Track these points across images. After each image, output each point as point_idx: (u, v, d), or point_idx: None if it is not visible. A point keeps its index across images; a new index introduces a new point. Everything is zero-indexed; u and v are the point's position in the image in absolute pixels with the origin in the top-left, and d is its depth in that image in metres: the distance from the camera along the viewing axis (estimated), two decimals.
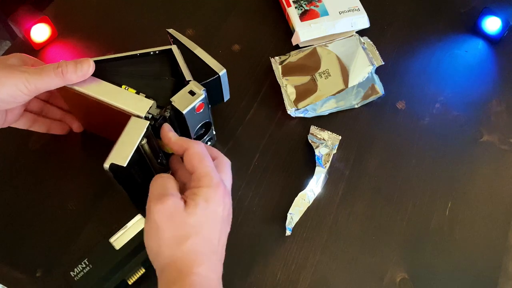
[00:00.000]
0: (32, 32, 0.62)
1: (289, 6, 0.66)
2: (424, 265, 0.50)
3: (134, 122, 0.43)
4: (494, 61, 0.66)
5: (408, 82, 0.63)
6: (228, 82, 0.51)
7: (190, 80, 0.46)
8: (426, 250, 0.51)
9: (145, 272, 0.45)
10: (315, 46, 0.62)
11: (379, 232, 0.52)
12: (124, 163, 0.40)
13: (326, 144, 0.56)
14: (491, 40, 0.67)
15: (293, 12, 0.65)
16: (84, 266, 0.43)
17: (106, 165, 0.40)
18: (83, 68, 0.43)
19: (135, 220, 0.46)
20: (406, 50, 0.67)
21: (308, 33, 0.64)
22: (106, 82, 0.45)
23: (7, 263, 0.48)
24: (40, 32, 0.63)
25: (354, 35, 0.62)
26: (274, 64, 0.61)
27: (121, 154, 0.41)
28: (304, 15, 0.65)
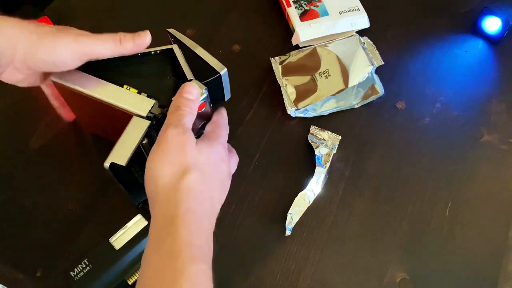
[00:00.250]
0: None
1: (289, 6, 0.66)
2: (424, 265, 0.50)
3: (135, 122, 0.43)
4: (494, 61, 0.66)
5: (408, 82, 0.63)
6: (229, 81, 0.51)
7: (192, 79, 0.46)
8: (426, 250, 0.51)
9: None
10: (315, 46, 0.62)
11: (379, 232, 0.52)
12: (123, 162, 0.40)
13: (326, 144, 0.56)
14: (491, 40, 0.67)
15: (293, 12, 0.65)
16: (84, 266, 0.43)
17: (107, 164, 0.40)
18: (141, 38, 0.43)
19: (135, 220, 0.46)
20: (406, 50, 0.67)
21: (308, 33, 0.64)
22: (107, 82, 0.45)
23: (7, 263, 0.48)
24: None
25: (354, 35, 0.62)
26: (274, 64, 0.61)
27: (121, 153, 0.41)
28: (304, 15, 0.65)
